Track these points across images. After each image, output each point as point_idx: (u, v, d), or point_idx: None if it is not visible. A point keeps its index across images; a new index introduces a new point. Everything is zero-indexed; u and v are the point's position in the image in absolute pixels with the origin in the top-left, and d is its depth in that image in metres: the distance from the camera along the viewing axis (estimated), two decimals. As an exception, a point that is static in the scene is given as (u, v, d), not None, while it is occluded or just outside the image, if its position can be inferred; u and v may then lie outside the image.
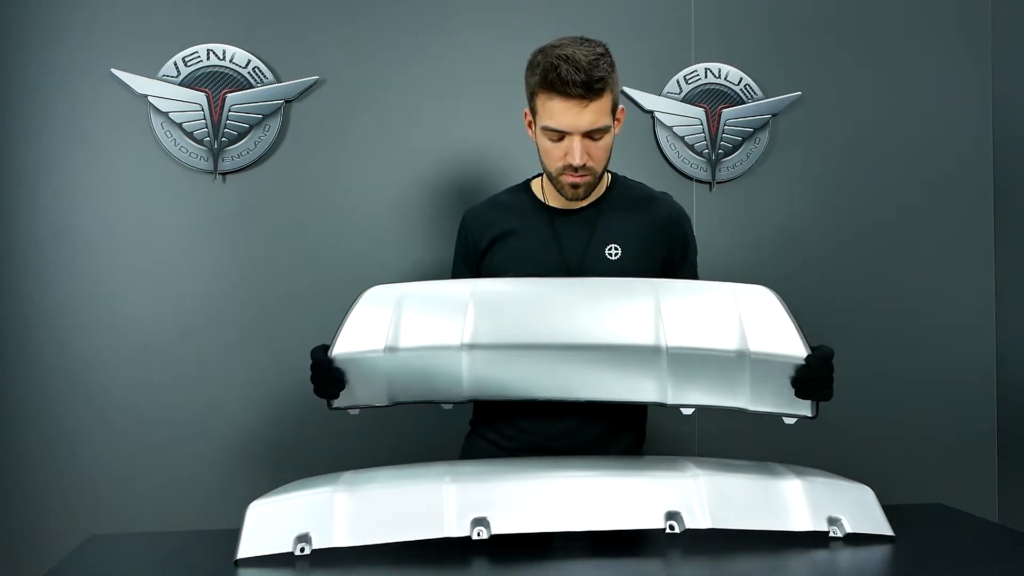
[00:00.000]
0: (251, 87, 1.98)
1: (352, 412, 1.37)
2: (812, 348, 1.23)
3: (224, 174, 1.99)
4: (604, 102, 1.32)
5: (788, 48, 2.18)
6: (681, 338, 1.24)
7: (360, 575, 1.08)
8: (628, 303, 1.29)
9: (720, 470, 1.22)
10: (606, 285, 1.33)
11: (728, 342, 1.24)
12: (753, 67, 2.16)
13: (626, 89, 2.11)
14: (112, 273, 1.97)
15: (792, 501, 1.18)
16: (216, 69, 1.97)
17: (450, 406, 1.41)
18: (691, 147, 2.13)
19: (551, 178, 1.41)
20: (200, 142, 1.97)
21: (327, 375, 1.29)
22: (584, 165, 1.34)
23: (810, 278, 2.18)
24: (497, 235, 1.46)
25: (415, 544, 1.10)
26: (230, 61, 1.98)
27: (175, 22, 1.97)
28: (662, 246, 1.47)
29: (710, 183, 2.15)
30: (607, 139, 1.36)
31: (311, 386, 1.32)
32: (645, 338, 1.25)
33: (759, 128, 2.15)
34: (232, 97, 1.98)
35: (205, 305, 1.99)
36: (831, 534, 1.17)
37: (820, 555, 1.13)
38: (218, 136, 1.97)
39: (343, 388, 1.31)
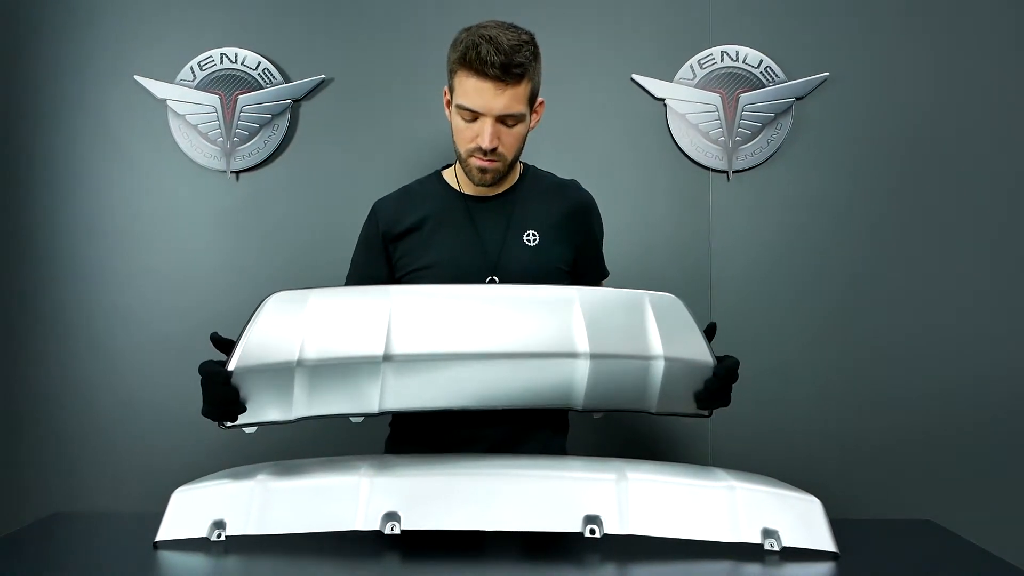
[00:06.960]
0: (261, 88, 2.05)
1: (248, 431, 1.21)
2: (717, 359, 1.22)
3: (236, 172, 2.06)
4: (521, 89, 1.29)
5: (814, 26, 2.02)
6: (601, 346, 1.21)
7: (268, 561, 1.09)
8: (548, 311, 1.22)
9: (651, 473, 1.14)
10: (526, 292, 1.24)
11: (644, 348, 1.21)
12: (775, 48, 2.02)
13: (636, 77, 2.03)
14: (136, 267, 2.08)
15: (725, 510, 1.09)
16: (228, 72, 2.05)
17: (360, 419, 1.28)
18: (706, 135, 2.02)
19: (460, 160, 1.38)
20: (214, 142, 2.05)
21: (222, 391, 1.12)
22: (494, 150, 1.31)
23: (834, 275, 2.02)
24: (412, 224, 1.43)
25: (335, 537, 1.09)
26: (241, 64, 2.05)
27: (191, 28, 2.07)
28: (577, 232, 1.47)
29: (727, 172, 2.03)
30: (520, 128, 1.33)
31: None
32: (566, 346, 1.20)
33: (781, 113, 2.01)
34: (243, 98, 2.05)
35: (221, 298, 2.06)
36: (766, 547, 1.07)
37: (748, 569, 1.03)
38: (230, 136, 2.05)
39: (241, 408, 1.16)
